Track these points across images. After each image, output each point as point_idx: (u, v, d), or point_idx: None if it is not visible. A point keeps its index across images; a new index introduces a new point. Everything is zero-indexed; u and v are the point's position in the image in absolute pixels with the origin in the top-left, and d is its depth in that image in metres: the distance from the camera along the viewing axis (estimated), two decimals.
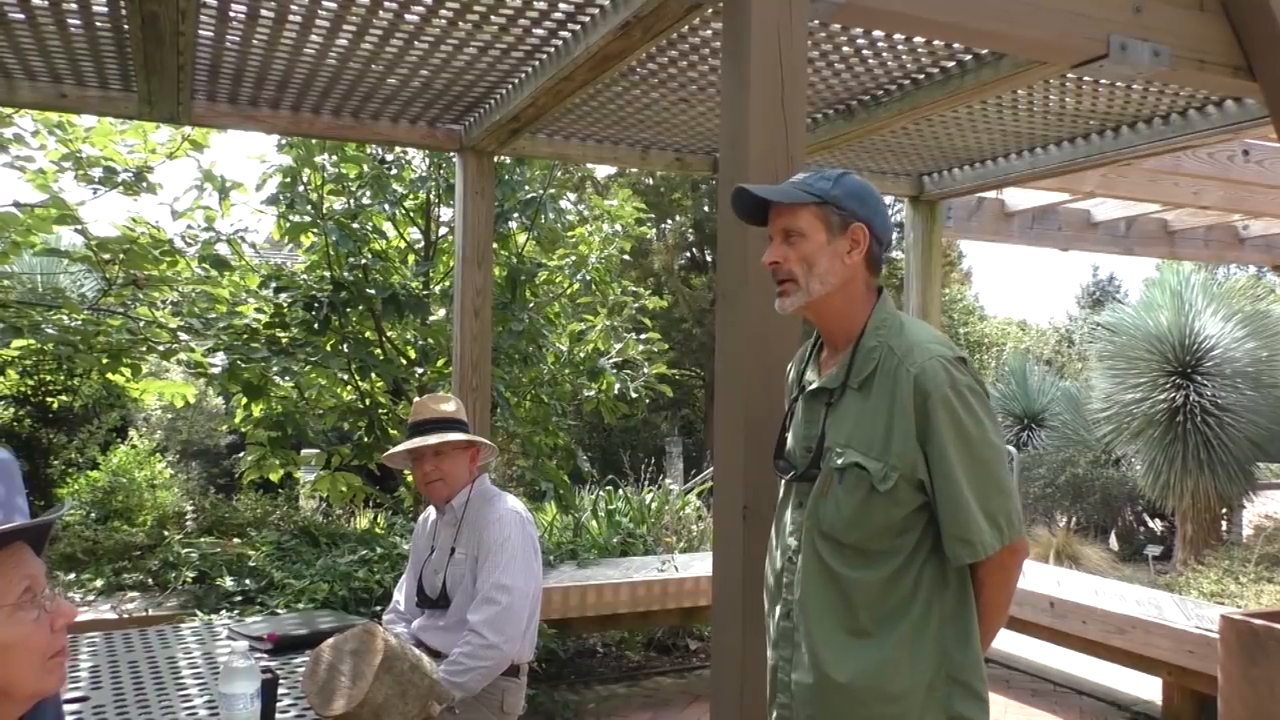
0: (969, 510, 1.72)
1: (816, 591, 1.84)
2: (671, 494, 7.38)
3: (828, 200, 1.86)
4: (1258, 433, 8.68)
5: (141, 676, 2.64)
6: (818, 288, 1.86)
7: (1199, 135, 4.09)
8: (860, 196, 1.89)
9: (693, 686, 5.48)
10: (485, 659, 2.77)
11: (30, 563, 1.28)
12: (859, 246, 1.87)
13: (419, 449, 3.00)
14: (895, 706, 1.76)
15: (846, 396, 1.86)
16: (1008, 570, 1.80)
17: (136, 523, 6.05)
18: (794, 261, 1.87)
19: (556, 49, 3.40)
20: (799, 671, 1.86)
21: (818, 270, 1.85)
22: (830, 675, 1.80)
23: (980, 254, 77.07)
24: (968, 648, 1.79)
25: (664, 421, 16.17)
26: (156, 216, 8.65)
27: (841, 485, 1.81)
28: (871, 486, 1.77)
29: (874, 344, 1.84)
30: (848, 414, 1.85)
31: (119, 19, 3.20)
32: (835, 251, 1.86)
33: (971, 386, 1.78)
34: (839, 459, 1.82)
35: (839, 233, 1.86)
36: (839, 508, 1.81)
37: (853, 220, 1.87)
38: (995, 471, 1.76)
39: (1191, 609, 5.00)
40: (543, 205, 6.08)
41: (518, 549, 2.91)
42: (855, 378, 1.84)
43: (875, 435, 1.79)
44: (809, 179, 1.90)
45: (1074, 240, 6.62)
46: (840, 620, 1.81)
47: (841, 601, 1.82)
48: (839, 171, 1.92)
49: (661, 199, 16.24)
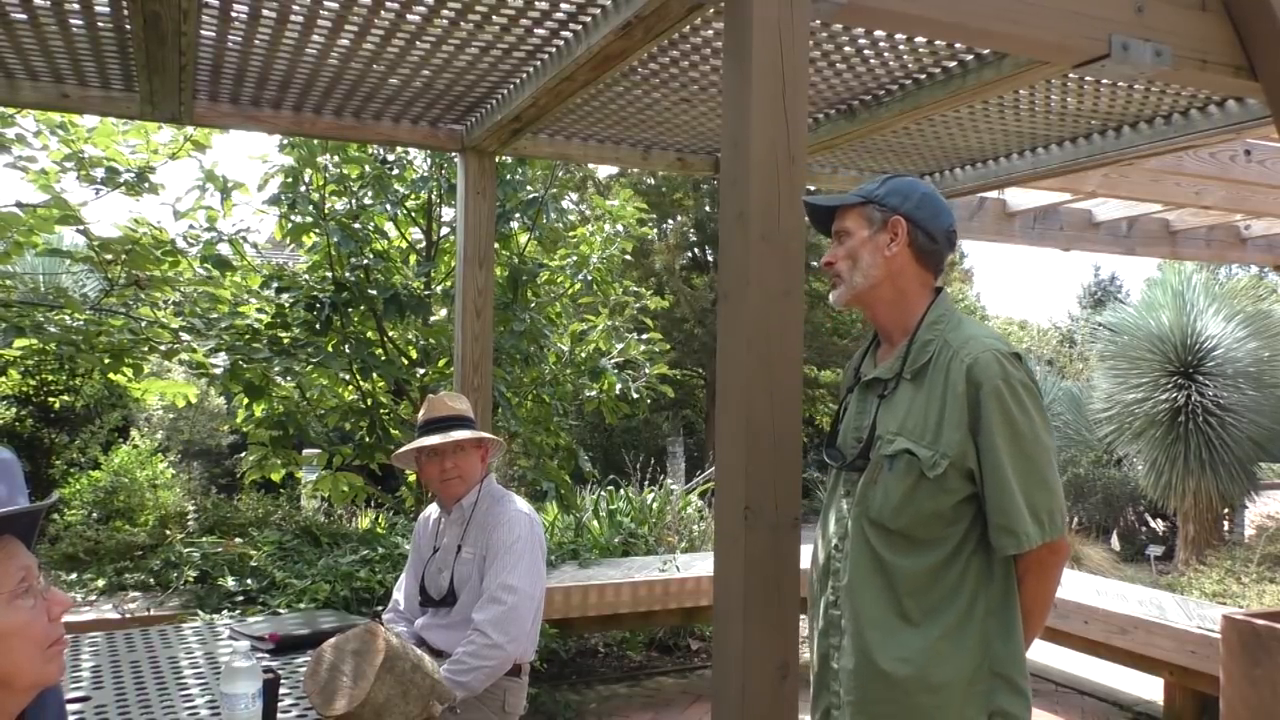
0: (1015, 501, 1.75)
1: (863, 578, 1.87)
2: (673, 494, 7.38)
3: (870, 199, 1.97)
4: (1259, 433, 8.68)
5: (143, 676, 2.64)
6: (859, 280, 1.95)
7: (1201, 135, 4.09)
8: (903, 193, 1.97)
9: (694, 686, 5.48)
10: (489, 659, 2.78)
11: (23, 554, 1.29)
12: (898, 239, 1.94)
13: (441, 446, 2.99)
14: (936, 697, 1.77)
15: (900, 387, 1.90)
16: (1048, 568, 1.83)
17: (138, 522, 6.06)
18: (840, 259, 1.98)
19: (558, 49, 3.40)
20: (847, 658, 1.88)
21: (860, 264, 1.95)
22: (874, 661, 1.82)
23: (982, 254, 77.14)
24: (1010, 641, 1.81)
25: (665, 421, 16.17)
26: (158, 217, 8.68)
27: (891, 472, 1.84)
28: (921, 473, 1.80)
29: (930, 337, 1.90)
30: (900, 404, 1.89)
31: (121, 19, 3.20)
32: (876, 245, 1.95)
33: (1024, 382, 1.81)
34: (889, 446, 1.86)
35: (880, 227, 1.95)
36: (888, 494, 1.84)
37: (891, 213, 1.95)
38: (1042, 468, 1.79)
39: (1193, 609, 4.99)
40: (544, 205, 6.08)
41: (525, 550, 2.91)
42: (910, 369, 1.89)
43: (927, 424, 1.82)
44: (867, 185, 2.04)
45: (1076, 240, 6.62)
46: (886, 607, 1.83)
47: (887, 589, 1.84)
48: (895, 175, 2.03)
49: (663, 199, 16.24)
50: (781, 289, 2.21)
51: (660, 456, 13.10)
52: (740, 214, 2.23)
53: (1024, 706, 1.81)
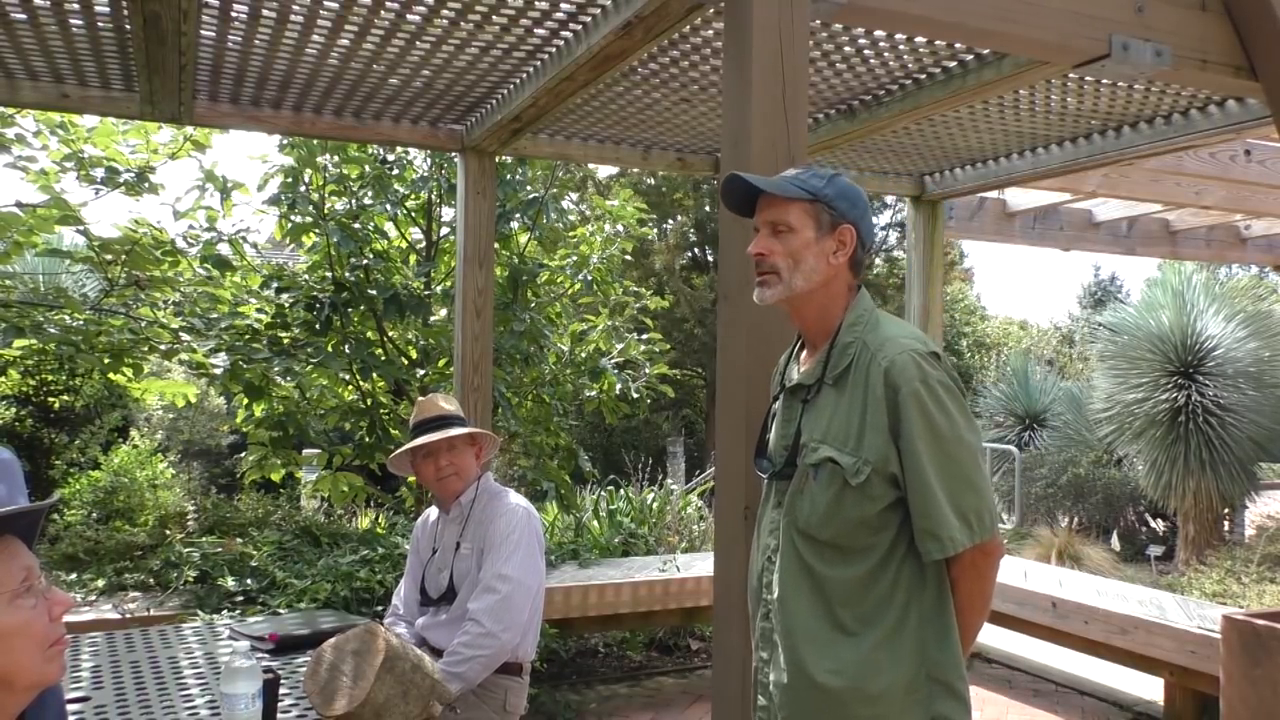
0: (939, 505, 1.71)
1: (795, 590, 1.83)
2: (673, 494, 7.38)
3: (820, 198, 1.86)
4: (1260, 433, 8.68)
5: (143, 676, 2.64)
6: (800, 284, 1.86)
7: (1201, 135, 4.09)
8: (851, 199, 1.89)
9: (694, 686, 5.48)
10: (484, 648, 2.77)
11: (25, 554, 1.29)
12: (845, 248, 1.88)
13: (434, 444, 3.01)
14: (874, 707, 1.74)
15: (823, 393, 1.86)
16: (980, 569, 1.79)
17: (138, 523, 6.05)
18: (779, 255, 1.86)
19: (558, 49, 3.40)
20: (776, 671, 1.85)
21: (803, 267, 1.86)
22: (808, 674, 1.78)
23: (982, 254, 77.06)
24: (947, 646, 1.77)
25: (665, 421, 16.17)
26: (158, 217, 8.68)
27: (816, 481, 1.81)
28: (845, 481, 1.76)
29: (849, 339, 1.85)
30: (823, 410, 1.85)
31: (121, 19, 3.20)
32: (822, 250, 1.86)
33: (944, 381, 1.76)
34: (813, 454, 1.82)
35: (827, 232, 1.87)
36: (814, 503, 1.81)
37: (842, 221, 1.87)
38: (966, 468, 1.74)
39: (1193, 609, 4.99)
40: (544, 205, 6.08)
41: (521, 541, 2.92)
42: (831, 373, 1.85)
43: (849, 430, 1.79)
44: (802, 175, 1.91)
45: (1076, 240, 6.62)
46: (818, 619, 1.80)
47: (820, 600, 1.80)
48: (831, 172, 1.92)
49: (663, 199, 16.25)
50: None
51: (660, 456, 13.09)
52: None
53: (964, 711, 1.77)
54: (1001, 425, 12.04)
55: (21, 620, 1.26)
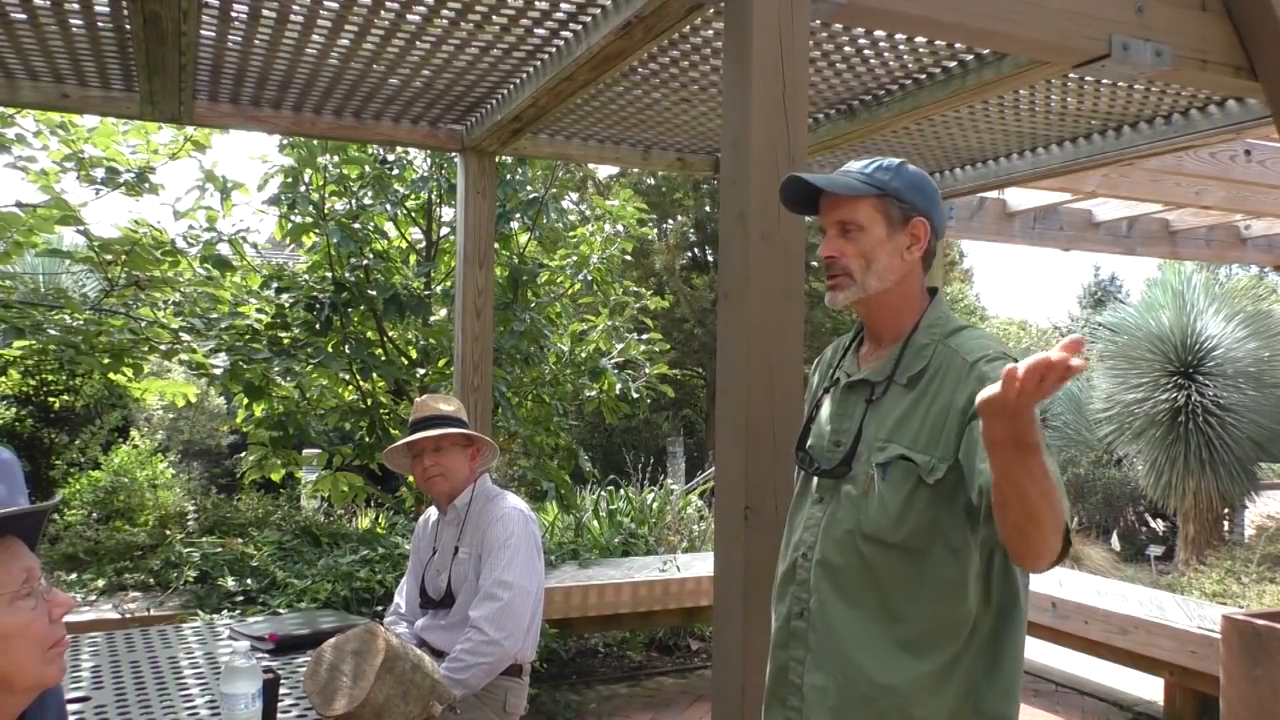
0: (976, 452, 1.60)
1: (851, 596, 1.73)
2: (673, 494, 7.38)
3: (889, 192, 1.77)
4: (1260, 433, 8.68)
5: (143, 676, 2.64)
6: (874, 284, 1.77)
7: (1201, 135, 4.09)
8: (921, 188, 1.80)
9: (694, 686, 5.48)
10: (486, 655, 2.78)
11: (26, 555, 1.29)
12: (919, 242, 1.79)
13: (419, 444, 3.02)
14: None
15: (890, 392, 1.76)
16: None
17: (138, 522, 6.05)
18: (851, 256, 1.77)
19: (558, 49, 3.40)
20: (816, 675, 1.75)
21: (876, 267, 1.76)
22: (863, 684, 1.69)
23: (982, 254, 77.09)
24: (997, 680, 1.68)
25: (665, 421, 16.16)
26: (158, 217, 8.68)
27: (885, 480, 1.70)
28: (919, 479, 1.67)
29: (926, 341, 1.76)
30: (891, 410, 1.75)
31: (121, 19, 3.20)
32: (895, 247, 1.77)
33: None
34: (880, 454, 1.72)
35: (899, 227, 1.77)
36: (884, 505, 1.69)
37: (913, 214, 1.78)
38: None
39: (1193, 609, 4.99)
40: (544, 205, 6.08)
41: (520, 546, 2.92)
42: (903, 374, 1.75)
43: (923, 430, 1.69)
44: (868, 168, 1.80)
45: (1075, 240, 6.62)
46: (874, 628, 1.70)
47: (881, 609, 1.70)
48: (898, 161, 1.82)
49: (663, 199, 16.25)
50: (781, 289, 2.21)
51: (660, 456, 13.09)
52: (740, 214, 2.23)
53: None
54: None
55: (21, 621, 1.26)
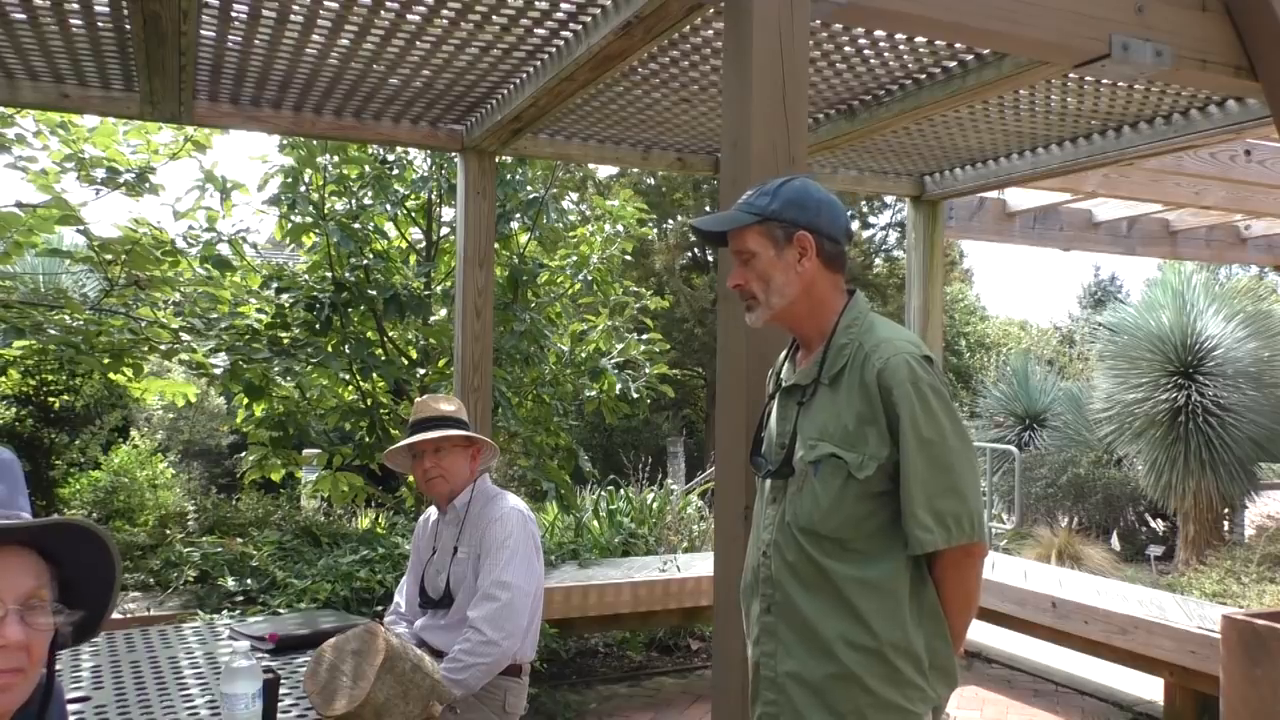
0: (913, 504, 1.77)
1: (807, 585, 1.87)
2: (673, 494, 7.38)
3: (767, 216, 1.91)
4: (1259, 433, 8.68)
5: (143, 676, 2.64)
6: (777, 301, 1.92)
7: (1201, 135, 4.09)
8: (799, 203, 1.92)
9: (694, 686, 5.48)
10: (485, 656, 2.78)
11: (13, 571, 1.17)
12: (807, 253, 1.91)
13: (419, 445, 3.02)
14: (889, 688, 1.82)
15: (819, 393, 1.90)
16: (961, 569, 1.84)
17: (138, 522, 6.06)
18: (752, 281, 1.93)
19: (558, 49, 3.40)
20: (789, 663, 1.88)
21: (774, 285, 1.92)
22: (828, 661, 1.83)
23: (982, 254, 77.09)
24: (940, 628, 1.86)
25: (665, 422, 16.17)
26: (158, 217, 8.67)
27: (817, 476, 1.84)
28: (849, 474, 1.81)
29: (844, 341, 1.90)
30: (820, 409, 1.89)
31: (121, 19, 3.20)
32: (786, 263, 1.91)
33: (934, 386, 1.81)
34: (812, 452, 1.86)
35: (785, 244, 1.91)
36: (816, 500, 1.84)
37: (795, 229, 1.91)
38: (949, 472, 1.79)
39: (1193, 609, 4.99)
40: (544, 205, 6.08)
41: (519, 546, 2.91)
42: (827, 374, 1.89)
43: (848, 427, 1.83)
44: (750, 198, 1.97)
45: (1075, 240, 6.62)
46: (835, 609, 1.84)
47: (833, 592, 1.84)
48: (779, 181, 1.97)
49: (663, 199, 16.25)
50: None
51: (660, 456, 13.09)
52: None
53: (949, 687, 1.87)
54: (1001, 425, 12.04)
55: None
